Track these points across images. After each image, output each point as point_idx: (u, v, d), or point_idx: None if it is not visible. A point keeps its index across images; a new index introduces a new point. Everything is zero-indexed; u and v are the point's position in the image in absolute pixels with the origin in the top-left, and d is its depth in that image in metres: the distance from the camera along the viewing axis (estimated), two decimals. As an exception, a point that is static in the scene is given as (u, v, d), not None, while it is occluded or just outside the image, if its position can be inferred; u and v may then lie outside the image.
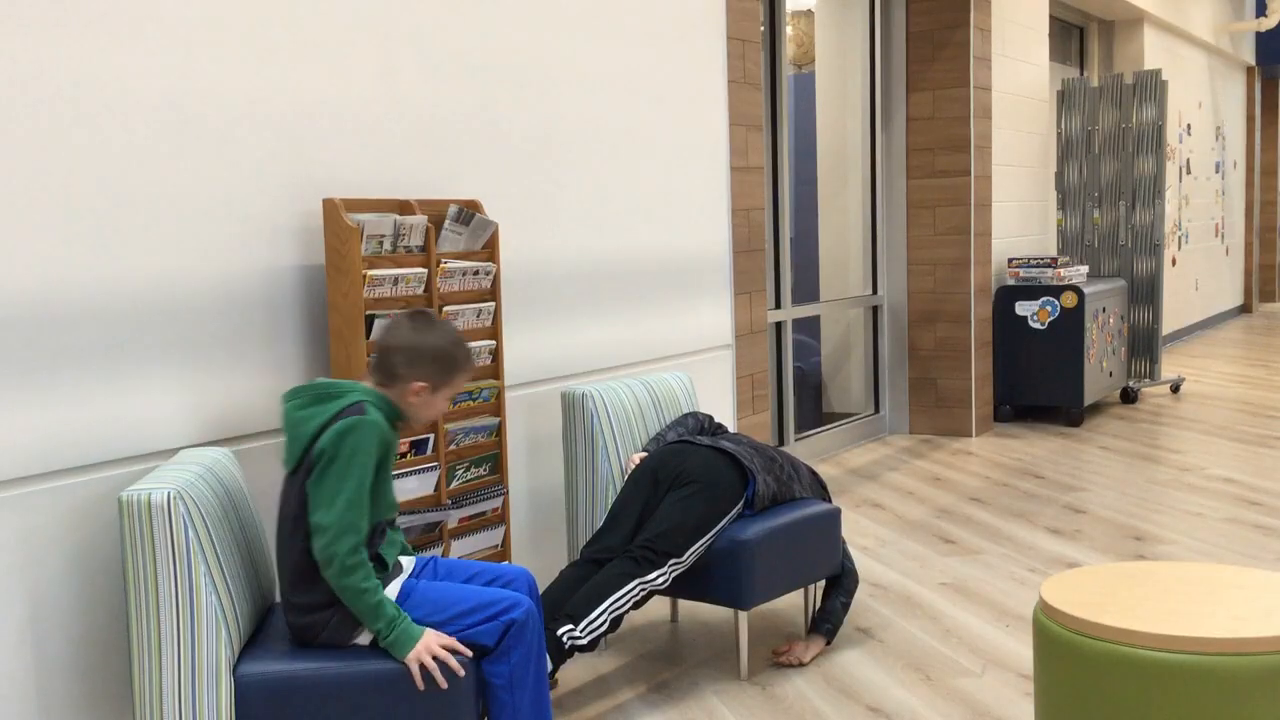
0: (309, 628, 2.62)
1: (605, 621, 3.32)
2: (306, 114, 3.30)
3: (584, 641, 3.28)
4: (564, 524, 4.27)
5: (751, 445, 3.82)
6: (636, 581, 3.39)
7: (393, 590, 2.70)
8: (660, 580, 3.44)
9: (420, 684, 2.56)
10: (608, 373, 4.49)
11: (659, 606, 4.37)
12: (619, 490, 3.79)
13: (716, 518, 3.54)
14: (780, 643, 3.94)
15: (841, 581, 3.90)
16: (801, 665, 3.74)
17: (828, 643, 3.81)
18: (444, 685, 2.56)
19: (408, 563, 2.86)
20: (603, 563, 3.50)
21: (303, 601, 2.61)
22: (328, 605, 2.60)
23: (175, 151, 2.96)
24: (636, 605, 3.41)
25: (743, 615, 3.64)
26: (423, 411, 2.75)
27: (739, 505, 3.63)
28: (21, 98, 2.64)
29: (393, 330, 2.73)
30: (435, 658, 2.56)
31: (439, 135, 3.73)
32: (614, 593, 3.36)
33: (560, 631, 3.26)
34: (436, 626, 2.64)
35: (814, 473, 4.02)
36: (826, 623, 3.81)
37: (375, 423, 2.60)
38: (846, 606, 3.87)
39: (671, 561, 3.45)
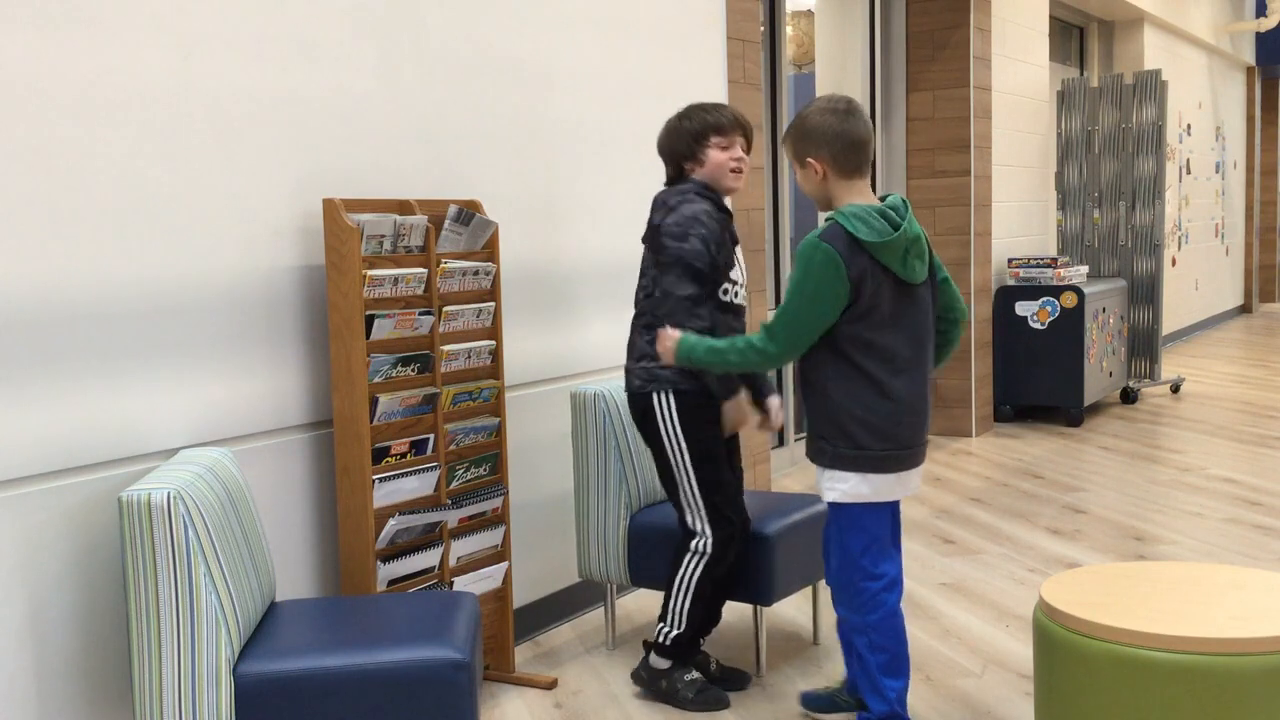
0: None
1: (684, 604, 3.42)
2: (306, 114, 3.30)
3: (678, 630, 3.43)
4: (564, 524, 4.27)
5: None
6: (686, 560, 3.44)
7: None
8: (701, 546, 3.41)
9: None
10: (607, 373, 4.49)
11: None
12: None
13: (674, 446, 3.39)
14: (780, 642, 3.94)
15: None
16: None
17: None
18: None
19: None
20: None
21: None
22: None
23: (175, 151, 2.96)
24: (706, 574, 3.40)
25: (764, 611, 3.65)
26: None
27: (664, 397, 3.38)
28: (21, 97, 2.64)
29: (838, 120, 2.98)
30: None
31: (439, 135, 3.73)
32: (675, 576, 3.45)
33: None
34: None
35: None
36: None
37: None
38: None
39: (690, 521, 3.43)
